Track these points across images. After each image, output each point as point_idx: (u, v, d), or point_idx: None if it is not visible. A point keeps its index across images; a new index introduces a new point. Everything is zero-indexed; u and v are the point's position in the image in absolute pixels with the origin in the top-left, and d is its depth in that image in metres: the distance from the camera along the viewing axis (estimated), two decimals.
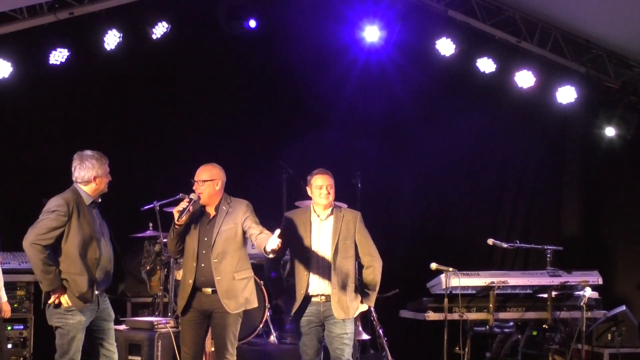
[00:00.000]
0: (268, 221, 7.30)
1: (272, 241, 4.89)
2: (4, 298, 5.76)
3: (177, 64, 8.16)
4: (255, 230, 5.17)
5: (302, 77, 8.23)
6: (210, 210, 5.28)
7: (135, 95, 8.13)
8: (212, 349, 5.55)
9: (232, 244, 5.24)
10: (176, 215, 5.12)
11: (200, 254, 5.22)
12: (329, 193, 5.32)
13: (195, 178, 5.25)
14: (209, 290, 5.18)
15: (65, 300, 4.91)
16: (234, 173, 7.95)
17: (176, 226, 5.16)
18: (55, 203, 4.94)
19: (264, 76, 8.35)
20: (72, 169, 5.05)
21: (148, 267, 6.71)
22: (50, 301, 4.93)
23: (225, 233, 5.21)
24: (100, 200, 5.10)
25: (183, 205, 5.12)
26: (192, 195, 5.17)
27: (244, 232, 5.24)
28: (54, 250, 4.90)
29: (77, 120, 7.86)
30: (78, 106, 7.89)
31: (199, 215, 5.27)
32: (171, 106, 8.25)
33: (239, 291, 5.23)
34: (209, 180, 5.23)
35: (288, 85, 8.36)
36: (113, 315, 5.19)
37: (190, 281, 5.21)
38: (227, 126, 8.37)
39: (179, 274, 6.21)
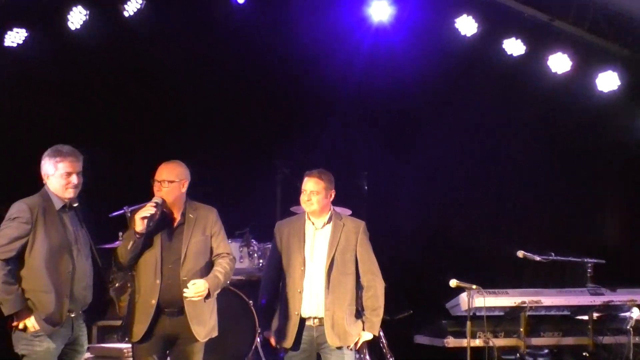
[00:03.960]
0: (261, 230, 7.34)
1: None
2: None
3: (154, 46, 8.10)
4: (219, 266, 5.17)
5: (299, 62, 8.25)
6: (174, 217, 5.24)
7: (104, 82, 8.13)
8: None
9: (202, 259, 5.20)
10: (140, 224, 5.05)
11: (164, 269, 5.14)
12: (310, 199, 5.31)
13: (157, 178, 5.20)
14: (174, 311, 5.12)
15: (31, 324, 4.82)
16: (220, 174, 8.01)
17: (137, 236, 5.08)
18: (16, 209, 4.90)
19: (256, 61, 8.33)
20: (41, 165, 5.04)
21: (117, 284, 6.68)
22: (14, 324, 4.84)
23: (196, 246, 5.19)
24: (77, 204, 5.04)
25: (150, 210, 5.06)
26: (157, 199, 5.14)
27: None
28: (16, 264, 4.86)
29: (37, 111, 7.85)
30: (37, 94, 7.86)
31: (159, 222, 5.20)
32: (147, 95, 8.26)
33: (207, 316, 5.21)
34: (174, 182, 5.18)
35: (283, 71, 8.36)
36: (86, 346, 5.16)
37: (154, 302, 5.10)
38: (212, 119, 8.41)
39: None
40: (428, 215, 8.72)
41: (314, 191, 5.31)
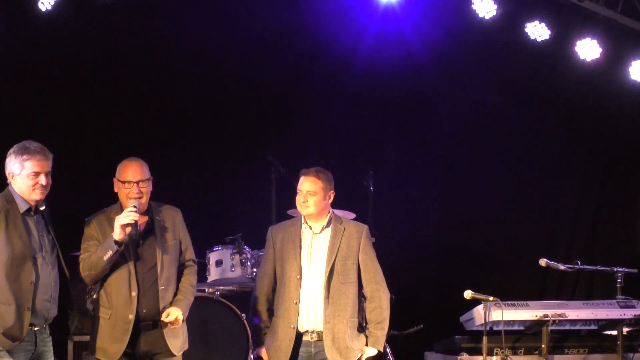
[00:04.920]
0: (253, 236, 7.36)
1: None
2: None
3: (134, 27, 8.18)
4: (187, 283, 5.30)
5: (296, 47, 8.34)
6: (140, 220, 5.21)
7: (79, 69, 8.19)
8: None
9: (174, 266, 5.27)
10: (121, 232, 5.04)
11: (140, 280, 5.18)
12: (306, 201, 5.37)
13: (130, 179, 5.20)
14: (148, 324, 5.17)
15: None
16: (204, 172, 8.03)
17: (118, 246, 5.06)
18: None
19: (248, 45, 8.39)
20: (6, 162, 5.04)
21: (95, 295, 6.46)
22: None
23: (169, 251, 5.24)
24: (44, 207, 5.08)
25: (132, 216, 5.06)
26: (133, 203, 5.14)
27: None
28: None
29: (3, 101, 7.89)
30: (3, 84, 7.92)
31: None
32: (125, 83, 8.31)
33: (181, 329, 5.24)
34: (147, 180, 5.23)
35: (277, 58, 8.44)
36: None
37: (131, 316, 5.13)
38: (196, 108, 8.44)
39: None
40: (441, 220, 8.78)
41: (310, 192, 5.36)
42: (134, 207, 5.10)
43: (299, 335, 5.33)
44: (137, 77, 8.33)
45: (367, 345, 5.40)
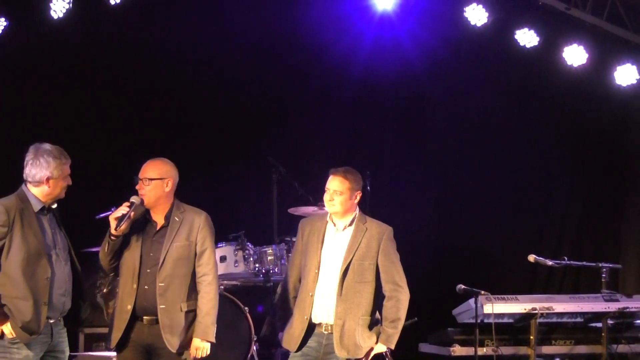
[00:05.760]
0: (255, 233, 7.46)
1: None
2: None
3: (141, 34, 8.23)
4: (205, 300, 5.20)
5: (297, 54, 8.36)
6: (158, 219, 5.24)
7: (90, 74, 8.26)
8: None
9: (183, 266, 5.22)
10: (113, 224, 5.08)
11: (142, 274, 5.20)
12: (333, 200, 5.32)
13: (140, 175, 5.21)
14: (149, 319, 5.17)
15: (8, 330, 4.94)
16: (211, 173, 8.08)
17: (112, 237, 5.12)
18: None
19: (251, 51, 8.46)
20: (24, 163, 5.07)
21: (105, 290, 6.81)
22: None
23: (177, 251, 5.20)
24: (55, 206, 5.12)
25: (122, 210, 5.08)
26: (133, 199, 5.15)
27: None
28: None
29: (18, 105, 7.99)
30: (19, 88, 8.02)
31: (142, 223, 5.25)
32: (134, 88, 8.36)
33: (183, 328, 5.21)
34: (156, 179, 5.20)
35: (279, 64, 8.48)
36: (67, 352, 5.22)
37: (129, 307, 5.16)
38: (202, 112, 8.49)
39: None
40: (435, 218, 8.82)
41: (337, 191, 5.30)
42: (131, 202, 5.11)
43: (312, 326, 5.31)
44: (144, 81, 8.38)
45: (377, 342, 5.36)
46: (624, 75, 8.10)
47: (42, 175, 5.06)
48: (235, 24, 8.33)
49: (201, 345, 5.19)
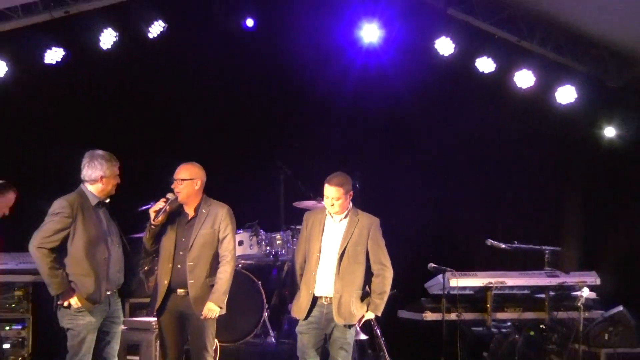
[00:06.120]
0: (266, 222, 7.47)
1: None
2: None
3: (175, 63, 8.29)
4: (221, 274, 5.27)
5: (300, 77, 8.37)
6: (189, 211, 5.32)
7: (132, 94, 8.28)
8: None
9: (208, 249, 5.29)
10: (152, 215, 5.20)
11: (176, 255, 5.29)
12: (333, 205, 5.34)
13: (175, 176, 5.29)
14: (182, 292, 5.25)
15: (75, 301, 5.03)
16: (230, 173, 8.03)
17: (152, 226, 5.25)
18: (58, 205, 5.05)
19: (262, 76, 8.48)
20: (81, 166, 5.17)
21: (146, 267, 6.82)
22: (59, 302, 5.06)
23: (204, 237, 5.27)
24: (108, 200, 5.21)
25: (160, 205, 5.20)
26: (169, 195, 5.24)
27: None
28: (60, 253, 5.02)
29: (74, 120, 8.00)
30: (75, 106, 8.04)
31: (177, 215, 5.33)
32: (169, 106, 8.41)
33: (208, 297, 5.27)
34: (188, 179, 5.28)
35: (286, 85, 8.50)
36: (122, 318, 5.32)
37: (166, 282, 5.28)
38: (224, 125, 8.51)
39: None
40: (413, 210, 8.70)
41: (335, 197, 5.31)
42: (167, 198, 5.21)
43: (315, 299, 5.34)
44: (176, 101, 8.39)
45: (367, 310, 5.40)
46: (564, 95, 8.10)
47: (97, 175, 5.14)
48: (255, 56, 8.37)
49: (213, 309, 5.27)
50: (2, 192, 5.69)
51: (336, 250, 5.33)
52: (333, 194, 5.32)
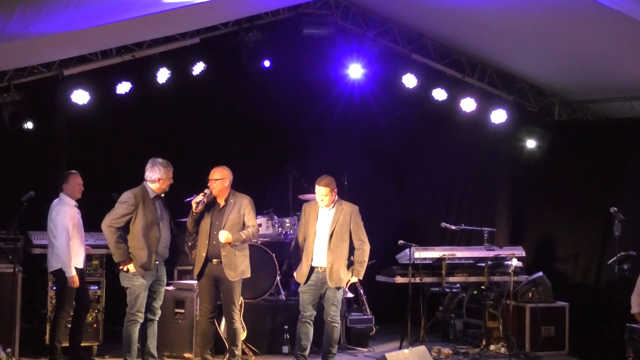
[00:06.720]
0: (278, 209, 7.39)
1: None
2: (73, 272, 5.73)
3: (213, 94, 8.23)
4: (244, 230, 5.33)
5: (302, 103, 8.36)
6: (221, 202, 5.39)
7: (181, 117, 8.27)
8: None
9: (235, 229, 5.37)
10: (194, 205, 5.34)
11: (212, 234, 5.35)
12: (323, 200, 5.42)
13: (210, 177, 5.38)
14: (217, 261, 5.30)
15: (131, 268, 5.09)
16: (253, 174, 8.04)
17: (194, 213, 5.35)
18: (126, 196, 5.17)
19: (276, 102, 8.43)
20: (145, 169, 5.20)
21: (190, 244, 6.72)
22: (120, 268, 5.13)
23: (232, 220, 5.34)
24: (163, 195, 5.25)
25: (199, 198, 5.31)
26: (206, 190, 5.33)
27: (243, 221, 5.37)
28: (124, 231, 5.07)
29: (139, 136, 8.00)
30: (139, 126, 8.05)
31: (211, 205, 5.39)
32: (208, 126, 8.35)
33: (238, 264, 5.36)
34: (219, 179, 5.37)
35: (293, 109, 8.48)
36: (165, 281, 5.37)
37: (204, 254, 5.34)
38: (248, 138, 8.49)
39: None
40: (388, 203, 8.79)
41: (323, 194, 5.43)
42: (204, 192, 5.29)
43: (312, 268, 5.46)
44: (216, 122, 8.35)
45: (352, 275, 5.52)
46: (497, 117, 7.95)
47: (156, 177, 5.20)
48: (270, 88, 8.27)
49: (229, 237, 5.20)
50: (67, 180, 5.60)
51: (327, 231, 5.42)
52: (322, 192, 5.41)
